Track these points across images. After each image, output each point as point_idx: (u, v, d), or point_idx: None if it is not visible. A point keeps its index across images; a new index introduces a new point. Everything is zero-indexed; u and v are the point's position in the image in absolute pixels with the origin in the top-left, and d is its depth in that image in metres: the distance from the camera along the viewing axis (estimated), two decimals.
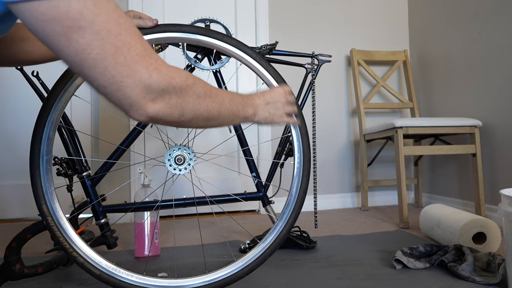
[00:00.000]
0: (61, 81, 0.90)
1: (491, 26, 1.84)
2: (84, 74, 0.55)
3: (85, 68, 0.54)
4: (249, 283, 1.06)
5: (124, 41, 0.55)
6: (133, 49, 0.56)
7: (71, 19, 0.50)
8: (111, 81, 0.55)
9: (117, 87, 0.56)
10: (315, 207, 1.34)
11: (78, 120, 2.08)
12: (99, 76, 0.55)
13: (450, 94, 2.14)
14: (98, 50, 0.53)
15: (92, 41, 0.52)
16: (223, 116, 0.74)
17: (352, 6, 2.45)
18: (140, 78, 0.56)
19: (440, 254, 1.17)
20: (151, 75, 0.57)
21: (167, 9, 2.19)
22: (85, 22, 0.51)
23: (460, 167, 2.07)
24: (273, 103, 0.87)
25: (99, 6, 0.52)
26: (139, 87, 0.57)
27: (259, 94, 0.86)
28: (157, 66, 0.59)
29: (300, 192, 0.99)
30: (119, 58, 0.54)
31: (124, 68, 0.55)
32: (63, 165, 1.09)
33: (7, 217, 2.04)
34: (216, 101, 0.72)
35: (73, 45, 0.52)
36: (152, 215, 1.35)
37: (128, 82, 0.56)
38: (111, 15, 0.54)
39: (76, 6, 0.50)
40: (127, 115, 0.60)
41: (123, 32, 0.55)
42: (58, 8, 0.49)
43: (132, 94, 0.57)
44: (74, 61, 0.53)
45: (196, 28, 0.96)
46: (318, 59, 1.34)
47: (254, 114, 0.83)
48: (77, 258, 0.90)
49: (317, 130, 2.35)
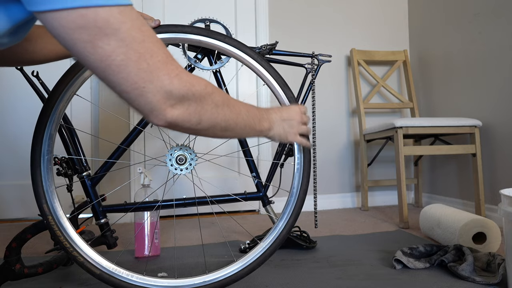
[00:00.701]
0: (63, 80, 0.90)
1: (491, 26, 1.84)
2: (107, 80, 0.56)
3: (109, 74, 0.55)
4: (249, 283, 1.06)
5: (147, 47, 0.56)
6: (156, 55, 0.57)
7: (98, 27, 0.52)
8: (133, 86, 0.56)
9: (139, 93, 0.57)
10: (315, 207, 1.34)
11: (78, 119, 2.08)
12: (122, 82, 0.56)
13: (450, 94, 2.14)
14: (122, 57, 0.54)
15: (117, 48, 0.54)
16: (240, 128, 0.75)
17: (352, 6, 2.45)
18: (162, 84, 0.58)
19: (440, 254, 1.17)
20: (172, 81, 0.59)
21: (167, 9, 2.19)
22: (111, 30, 0.53)
23: (460, 167, 2.07)
24: (288, 121, 0.88)
25: (124, 14, 0.54)
26: (160, 93, 0.58)
27: (276, 110, 0.87)
28: (178, 72, 0.60)
29: (300, 193, 0.99)
30: (142, 64, 0.56)
31: (146, 74, 0.56)
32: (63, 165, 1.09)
33: (7, 217, 2.04)
34: (233, 111, 0.72)
35: (99, 52, 0.53)
36: (152, 215, 1.35)
37: (150, 88, 0.57)
38: (135, 22, 0.55)
39: (103, 14, 0.52)
40: (147, 119, 0.61)
41: (146, 39, 0.56)
42: (86, 17, 0.51)
43: (153, 99, 0.58)
44: (99, 67, 0.55)
45: (198, 29, 0.96)
46: (318, 59, 1.34)
47: (269, 129, 0.84)
48: (77, 258, 0.90)
49: (317, 130, 2.35)
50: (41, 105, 2.01)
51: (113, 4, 0.53)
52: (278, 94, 1.00)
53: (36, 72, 1.11)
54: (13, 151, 2.06)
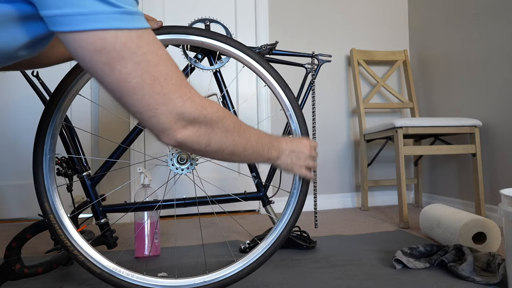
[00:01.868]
0: (66, 79, 0.90)
1: (491, 26, 1.84)
2: (122, 100, 0.58)
3: (123, 95, 0.57)
4: (249, 283, 1.06)
5: (162, 71, 0.58)
6: (170, 78, 0.59)
7: (117, 50, 0.53)
8: (147, 108, 0.58)
9: (153, 114, 0.59)
10: (315, 207, 1.34)
11: (78, 118, 2.08)
12: (137, 103, 0.58)
13: (450, 94, 2.14)
14: (138, 79, 0.56)
15: (133, 71, 0.55)
16: (247, 154, 0.76)
17: (352, 6, 2.45)
18: (174, 106, 0.60)
19: (440, 254, 1.17)
20: (185, 104, 0.61)
21: (167, 9, 2.19)
22: (128, 53, 0.54)
23: (460, 167, 2.07)
24: (297, 153, 0.88)
25: (142, 38, 0.55)
26: (172, 114, 0.60)
27: (287, 140, 0.88)
28: (191, 95, 0.62)
29: (300, 194, 0.99)
30: (156, 87, 0.57)
31: (160, 97, 0.58)
32: (63, 164, 1.09)
33: (7, 217, 2.04)
34: (243, 137, 0.73)
35: (115, 74, 0.55)
36: (152, 215, 1.35)
37: (162, 110, 0.59)
38: (151, 47, 0.57)
39: (122, 38, 0.53)
40: (158, 138, 0.63)
41: (161, 62, 0.58)
42: (106, 39, 0.52)
43: (165, 120, 0.60)
44: (114, 88, 0.56)
45: (200, 31, 0.97)
46: (318, 59, 1.34)
47: (277, 158, 0.85)
48: (77, 257, 0.90)
49: (317, 130, 2.35)
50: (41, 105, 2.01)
51: (132, 28, 0.54)
52: (279, 95, 1.00)
53: (36, 72, 1.11)
54: (13, 151, 2.06)
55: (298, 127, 1.00)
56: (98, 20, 0.51)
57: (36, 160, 0.90)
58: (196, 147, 0.66)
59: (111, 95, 0.58)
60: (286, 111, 1.00)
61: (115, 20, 0.52)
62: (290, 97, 1.01)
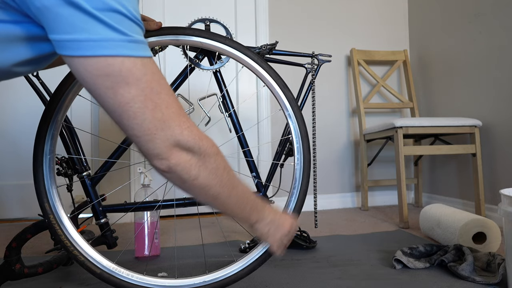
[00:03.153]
0: (66, 80, 0.90)
1: (491, 26, 1.84)
2: (121, 123, 0.59)
3: (124, 118, 0.58)
4: (249, 283, 1.06)
5: (164, 99, 0.60)
6: (170, 107, 0.61)
7: (122, 76, 0.55)
8: (146, 132, 0.60)
9: (150, 138, 0.60)
10: (315, 207, 1.34)
11: (78, 118, 2.09)
12: (136, 127, 0.59)
13: (450, 94, 2.14)
14: (140, 105, 0.57)
15: (136, 96, 0.57)
16: (231, 202, 0.74)
17: (352, 6, 2.45)
18: (172, 133, 0.61)
19: (440, 254, 1.17)
20: (183, 132, 0.62)
21: (167, 10, 2.19)
22: (133, 79, 0.56)
23: (460, 167, 2.07)
24: (277, 226, 0.84)
25: (146, 66, 0.58)
26: (169, 141, 0.61)
27: (271, 208, 0.84)
28: (189, 125, 0.64)
29: (300, 194, 0.99)
30: (157, 113, 0.59)
31: (160, 123, 0.60)
32: (63, 164, 1.09)
33: (7, 217, 2.04)
34: (231, 181, 0.72)
35: (118, 98, 0.56)
36: (152, 215, 1.35)
37: (160, 135, 0.60)
38: (155, 76, 0.59)
39: (128, 65, 0.55)
40: (150, 162, 0.64)
41: (163, 91, 0.60)
42: (112, 66, 0.54)
43: (161, 145, 0.61)
44: (115, 111, 0.58)
45: (199, 31, 0.97)
46: (318, 59, 1.34)
47: (256, 222, 0.81)
48: (77, 257, 0.90)
49: (317, 130, 2.36)
50: (41, 105, 2.01)
51: (138, 55, 0.56)
52: (278, 95, 1.00)
53: (37, 73, 1.11)
54: (13, 151, 2.06)
55: (298, 127, 1.00)
56: (107, 47, 0.53)
57: (36, 160, 0.90)
58: (185, 176, 0.65)
59: (110, 116, 0.60)
60: (285, 111, 1.00)
61: (123, 47, 0.54)
62: (289, 97, 1.01)
